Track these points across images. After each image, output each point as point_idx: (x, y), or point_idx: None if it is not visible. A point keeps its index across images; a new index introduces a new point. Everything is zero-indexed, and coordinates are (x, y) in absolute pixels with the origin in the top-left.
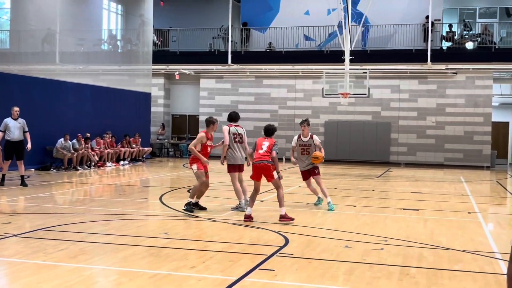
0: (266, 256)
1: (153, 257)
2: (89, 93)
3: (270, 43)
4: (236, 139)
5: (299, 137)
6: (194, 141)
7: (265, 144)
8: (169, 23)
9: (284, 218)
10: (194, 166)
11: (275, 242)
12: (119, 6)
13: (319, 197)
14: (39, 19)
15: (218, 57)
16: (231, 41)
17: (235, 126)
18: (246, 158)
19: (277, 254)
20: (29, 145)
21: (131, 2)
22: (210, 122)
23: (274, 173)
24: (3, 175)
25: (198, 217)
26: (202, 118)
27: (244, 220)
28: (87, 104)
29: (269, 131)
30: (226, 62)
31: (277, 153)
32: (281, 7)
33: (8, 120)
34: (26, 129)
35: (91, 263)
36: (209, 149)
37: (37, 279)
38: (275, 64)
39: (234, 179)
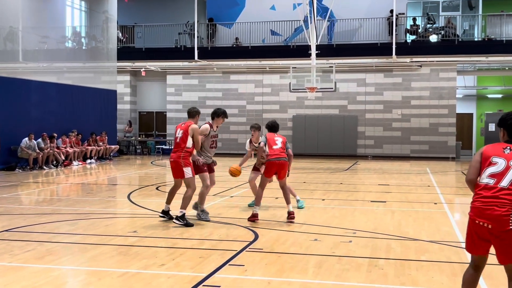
0: (236, 252)
1: (122, 256)
2: (54, 91)
3: (236, 39)
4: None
5: (250, 141)
6: (198, 137)
7: (279, 140)
8: (134, 19)
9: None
10: (189, 170)
11: (245, 237)
12: (83, 3)
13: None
14: (1, 17)
15: (184, 53)
16: (197, 37)
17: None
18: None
19: (247, 249)
20: None
21: None
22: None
23: None
24: None
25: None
26: (170, 115)
27: (251, 220)
28: (52, 103)
29: (276, 127)
30: (193, 58)
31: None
32: (247, 2)
33: None
34: None
35: (59, 264)
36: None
37: (3, 281)
38: (242, 60)
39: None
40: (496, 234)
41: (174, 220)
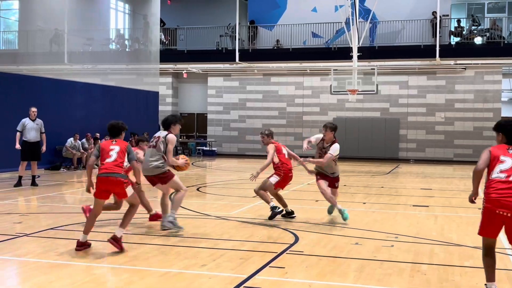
0: (276, 254)
1: (163, 256)
2: (98, 92)
3: (277, 41)
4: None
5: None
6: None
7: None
8: (176, 21)
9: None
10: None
11: (285, 239)
12: (127, 5)
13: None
14: (47, 20)
15: (225, 55)
16: (239, 39)
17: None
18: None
19: (287, 251)
20: (44, 147)
21: (139, 1)
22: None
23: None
24: (20, 177)
25: (208, 215)
26: (211, 116)
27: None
28: (95, 104)
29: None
30: (234, 60)
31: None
32: (288, 4)
33: (26, 121)
34: (43, 130)
35: (101, 262)
36: None
37: (48, 278)
38: (282, 62)
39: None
40: None
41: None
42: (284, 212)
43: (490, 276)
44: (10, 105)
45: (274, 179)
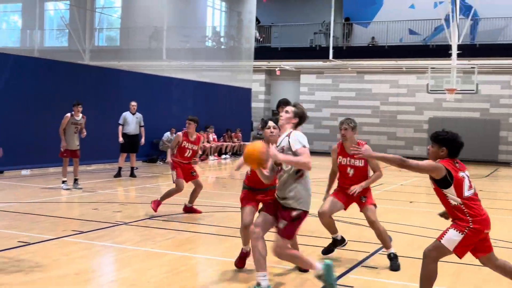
0: (369, 254)
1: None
2: (193, 88)
3: (372, 38)
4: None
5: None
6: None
7: None
8: (271, 19)
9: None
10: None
11: (377, 239)
12: (223, 3)
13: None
14: (147, 17)
15: (319, 53)
16: (333, 36)
17: None
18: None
19: (379, 252)
20: (142, 140)
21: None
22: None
23: None
24: (120, 168)
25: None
26: None
27: None
28: (191, 100)
29: None
30: (327, 57)
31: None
32: (385, 1)
33: (127, 114)
34: (142, 123)
35: (196, 253)
36: None
37: (147, 265)
38: (378, 59)
39: None
40: (487, 237)
41: None
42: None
43: None
44: (112, 99)
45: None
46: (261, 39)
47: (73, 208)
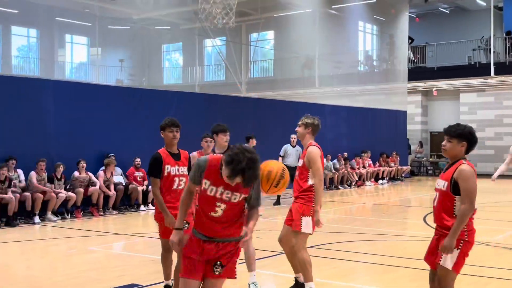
0: None
1: (423, 281)
2: (346, 114)
3: None
4: None
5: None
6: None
7: None
8: (425, 38)
9: None
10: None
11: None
12: (374, 27)
13: None
14: (299, 47)
15: (479, 70)
16: (494, 52)
17: None
18: None
19: None
20: None
21: (386, 22)
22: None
23: None
24: (278, 196)
25: None
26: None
27: None
28: (343, 125)
29: None
30: (489, 74)
31: None
32: None
33: (288, 147)
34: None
35: (361, 283)
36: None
37: None
38: None
39: None
40: None
41: None
42: None
43: None
44: (269, 129)
45: None
46: (415, 60)
47: None
